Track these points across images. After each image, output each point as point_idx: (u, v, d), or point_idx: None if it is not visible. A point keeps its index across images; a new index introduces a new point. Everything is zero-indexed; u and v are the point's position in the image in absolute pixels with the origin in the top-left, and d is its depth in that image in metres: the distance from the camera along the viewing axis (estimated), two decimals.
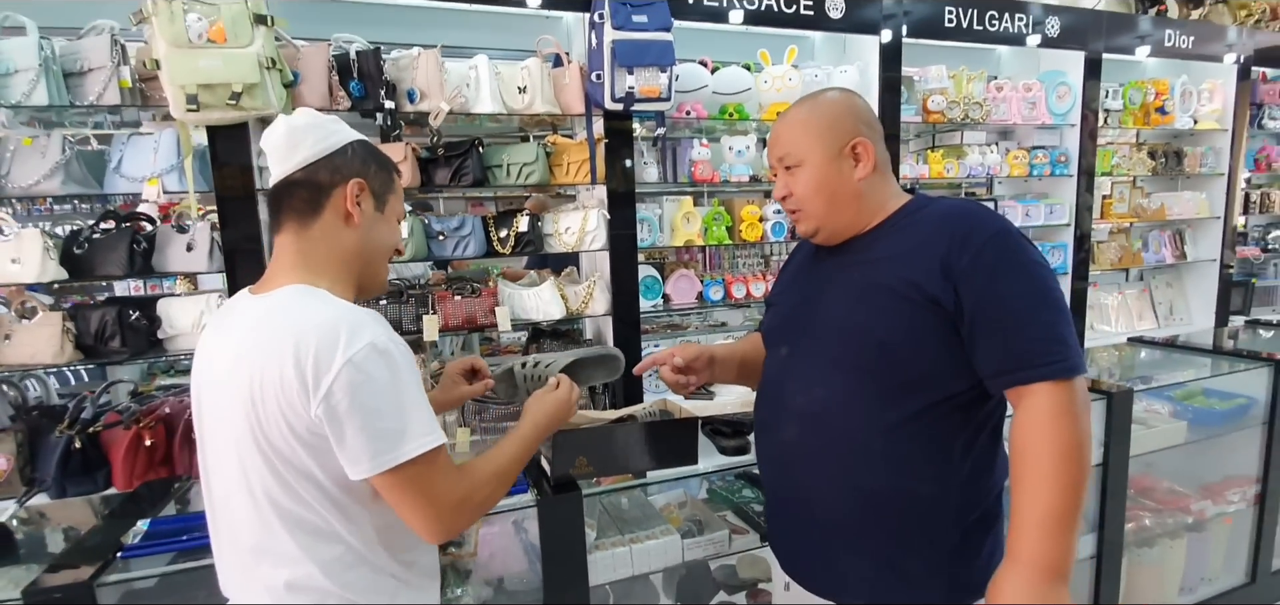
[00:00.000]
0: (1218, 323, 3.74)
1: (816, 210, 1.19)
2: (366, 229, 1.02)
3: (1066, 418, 1.01)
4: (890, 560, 1.15)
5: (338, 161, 0.99)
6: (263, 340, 0.89)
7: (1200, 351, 2.79)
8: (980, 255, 1.05)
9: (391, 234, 1.08)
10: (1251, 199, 3.85)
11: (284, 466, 0.90)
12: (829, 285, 1.21)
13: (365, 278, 1.05)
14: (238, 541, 0.95)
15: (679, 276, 2.66)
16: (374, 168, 1.03)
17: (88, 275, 1.88)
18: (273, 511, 0.91)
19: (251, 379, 0.88)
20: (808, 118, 1.19)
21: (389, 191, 1.06)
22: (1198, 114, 3.54)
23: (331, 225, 0.99)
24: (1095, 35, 3.13)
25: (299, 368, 0.86)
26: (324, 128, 0.99)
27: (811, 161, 1.17)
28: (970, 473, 1.13)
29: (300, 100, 1.99)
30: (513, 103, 2.22)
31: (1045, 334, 1.03)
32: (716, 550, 1.62)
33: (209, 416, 0.98)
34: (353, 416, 0.87)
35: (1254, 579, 2.51)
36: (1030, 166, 3.19)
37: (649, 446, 1.43)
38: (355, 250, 1.01)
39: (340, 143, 1.00)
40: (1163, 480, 2.51)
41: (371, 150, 1.04)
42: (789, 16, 2.55)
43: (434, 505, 0.93)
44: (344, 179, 0.99)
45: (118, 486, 1.83)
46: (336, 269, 1.00)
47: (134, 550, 1.25)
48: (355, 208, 0.99)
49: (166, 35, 1.73)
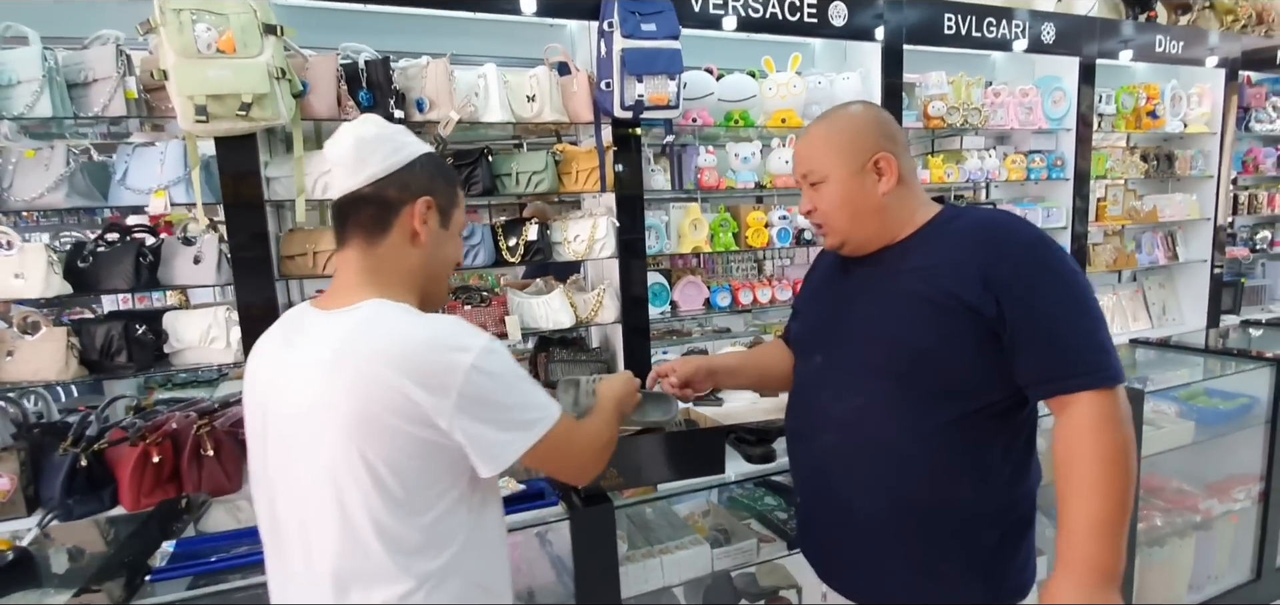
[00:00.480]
0: (1209, 323, 3.80)
1: (841, 225, 1.20)
2: (433, 247, 1.01)
3: (1110, 425, 1.02)
4: (927, 564, 1.16)
5: (406, 178, 0.97)
6: (366, 359, 0.87)
7: (1200, 352, 2.84)
8: (1020, 265, 1.06)
9: (455, 249, 1.08)
10: (1239, 200, 3.92)
11: (397, 484, 0.88)
12: (861, 295, 1.21)
13: (429, 293, 1.04)
14: (316, 568, 0.91)
15: (686, 283, 2.66)
16: (441, 183, 1.02)
17: (93, 290, 1.84)
18: (374, 533, 0.89)
19: (362, 400, 0.86)
20: (829, 134, 1.20)
21: (454, 206, 1.05)
22: (1187, 118, 3.61)
23: (398, 243, 0.98)
24: (1089, 41, 3.18)
25: (422, 383, 0.86)
26: (393, 141, 0.98)
27: (834, 178, 1.18)
28: (1007, 478, 1.14)
29: (309, 110, 1.97)
30: (522, 111, 2.21)
31: (1087, 343, 1.04)
32: (746, 559, 1.61)
33: (286, 438, 0.94)
34: (488, 416, 0.90)
35: (1259, 576, 2.54)
36: (1027, 170, 3.23)
37: (677, 457, 1.42)
38: (420, 267, 1.01)
39: (408, 158, 0.98)
40: (1171, 479, 2.54)
41: (439, 164, 1.03)
42: (792, 24, 2.56)
43: (577, 455, 1.02)
44: (412, 197, 0.97)
45: (125, 506, 1.79)
46: (405, 285, 0.99)
47: (162, 573, 1.22)
48: (422, 226, 0.98)
49: (175, 45, 1.70)
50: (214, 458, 1.81)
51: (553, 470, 1.04)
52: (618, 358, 2.46)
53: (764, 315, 3.35)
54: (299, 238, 2.04)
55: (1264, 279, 4.22)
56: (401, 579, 0.90)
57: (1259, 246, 4.11)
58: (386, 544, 0.89)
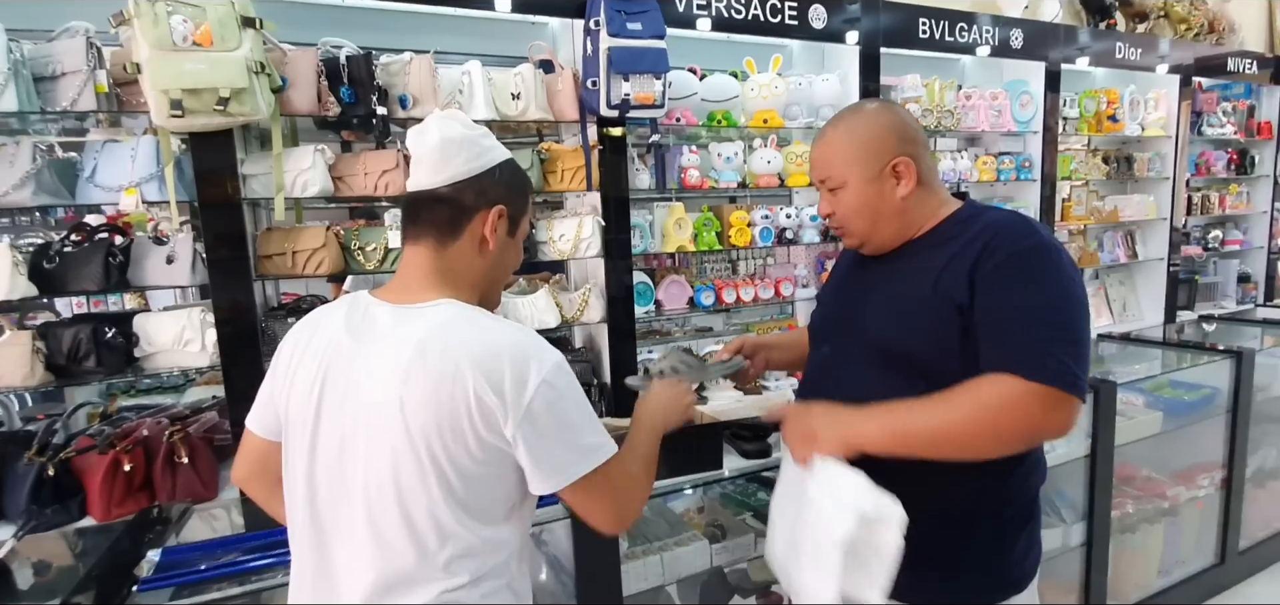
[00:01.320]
0: (1167, 319, 3.95)
1: (860, 229, 1.20)
2: (499, 253, 1.01)
3: (1012, 410, 1.00)
4: (926, 556, 1.14)
5: (485, 184, 0.97)
6: (443, 361, 0.87)
7: (1160, 345, 2.95)
8: (1004, 265, 1.06)
9: (517, 256, 1.08)
10: (1193, 201, 4.09)
11: (463, 487, 0.89)
12: (871, 292, 1.22)
13: (487, 296, 1.04)
14: (361, 567, 0.90)
15: (670, 282, 2.66)
16: (516, 192, 1.02)
17: (60, 291, 1.76)
18: (434, 534, 0.89)
19: (440, 399, 0.86)
20: (845, 140, 1.18)
21: (523, 215, 1.05)
22: (1145, 122, 3.76)
23: (467, 247, 0.98)
24: (1053, 47, 3.29)
25: (496, 389, 0.86)
26: (477, 145, 0.98)
27: (852, 184, 1.17)
28: (1006, 472, 1.15)
29: (289, 106, 1.92)
30: (506, 109, 2.19)
31: (1040, 343, 1.01)
32: (743, 554, 1.61)
33: (346, 432, 0.91)
34: (552, 432, 0.90)
35: (1223, 559, 2.65)
36: (997, 172, 3.32)
37: (676, 453, 1.41)
38: (484, 272, 1.01)
39: (490, 163, 0.98)
40: (1141, 468, 2.63)
41: (515, 172, 1.03)
42: (773, 25, 2.59)
43: (618, 501, 0.98)
44: (488, 204, 0.97)
45: (94, 516, 1.71)
46: (471, 286, 1.00)
47: (150, 582, 1.16)
48: (492, 234, 0.98)
49: (150, 38, 1.64)
50: (189, 465, 1.75)
51: (592, 511, 0.98)
52: (603, 357, 2.44)
53: (740, 314, 3.37)
54: (277, 237, 1.98)
55: (1216, 276, 4.41)
56: (445, 579, 0.90)
57: (1211, 245, 4.30)
58: (445, 546, 0.89)
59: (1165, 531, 2.53)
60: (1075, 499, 2.27)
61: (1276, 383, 2.89)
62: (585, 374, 2.37)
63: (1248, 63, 4.06)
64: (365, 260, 2.05)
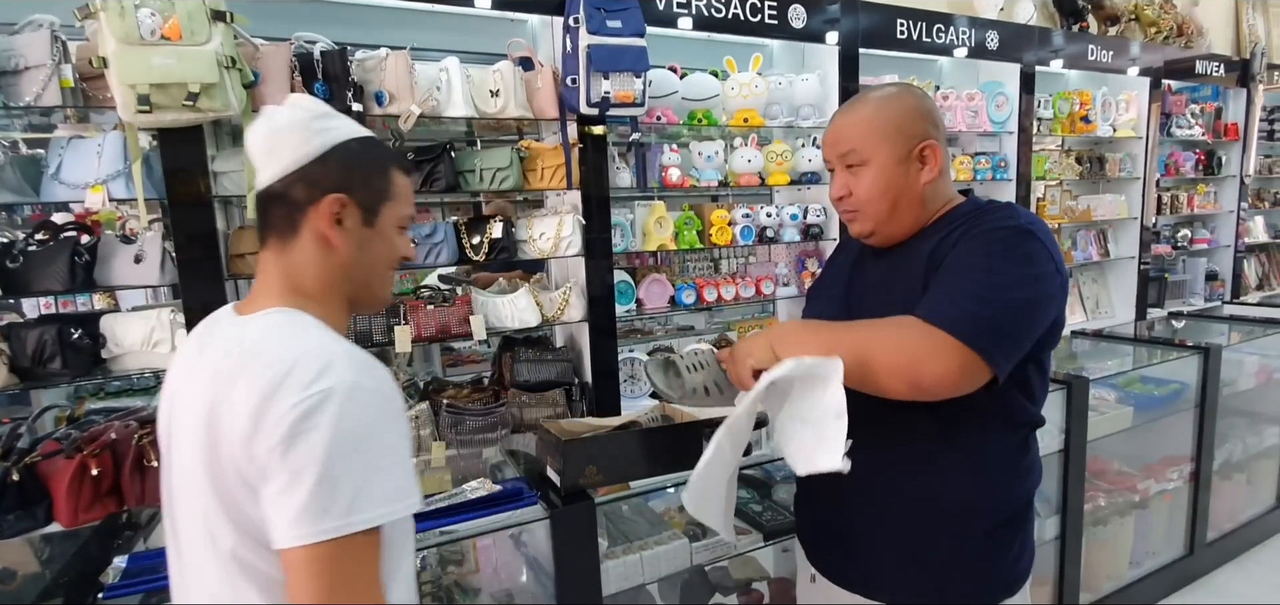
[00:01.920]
0: (1138, 316, 4.03)
1: (877, 213, 1.14)
2: (354, 249, 0.89)
3: (903, 345, 0.99)
4: (918, 557, 1.15)
5: (314, 173, 0.85)
6: (230, 371, 0.78)
7: (1131, 342, 3.01)
8: (968, 237, 1.04)
9: (389, 248, 0.93)
10: (1163, 201, 4.18)
11: (241, 516, 0.78)
12: (869, 293, 1.19)
13: (361, 296, 0.93)
14: (196, 593, 0.83)
15: (651, 280, 2.65)
16: (360, 176, 0.88)
17: (24, 291, 1.71)
18: (239, 570, 0.79)
19: (215, 415, 0.78)
20: (876, 115, 1.13)
21: (382, 200, 0.91)
22: (1116, 122, 3.83)
23: (309, 247, 0.87)
24: (1028, 48, 3.34)
25: (255, 405, 0.75)
26: (306, 130, 0.85)
27: (877, 162, 1.11)
28: (1001, 474, 1.14)
29: (261, 101, 1.88)
30: (485, 106, 2.17)
31: (958, 299, 0.99)
32: (723, 552, 1.61)
33: (176, 453, 0.86)
34: (303, 472, 0.73)
35: (1192, 551, 2.71)
36: (974, 172, 3.36)
37: (656, 452, 1.41)
38: (342, 272, 0.89)
39: (321, 148, 0.85)
40: (1112, 462, 2.68)
41: (361, 154, 0.89)
42: (753, 24, 2.60)
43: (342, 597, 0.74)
44: (319, 195, 0.85)
45: (61, 522, 1.66)
46: (325, 291, 0.88)
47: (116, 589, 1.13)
48: (333, 229, 0.86)
49: (116, 31, 1.59)
50: (158, 469, 1.71)
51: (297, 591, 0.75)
52: (584, 357, 2.44)
53: (722, 313, 3.38)
54: (250, 235, 1.94)
55: (1185, 274, 4.50)
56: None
57: (1180, 244, 4.39)
58: (254, 583, 0.79)
59: (1136, 524, 2.59)
60: (1049, 493, 2.31)
61: (1242, 378, 2.97)
62: (566, 373, 2.36)
63: (1215, 65, 4.16)
64: None
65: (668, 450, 1.42)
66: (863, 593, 1.21)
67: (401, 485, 0.78)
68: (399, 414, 0.81)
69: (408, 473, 0.80)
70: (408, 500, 0.79)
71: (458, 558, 1.53)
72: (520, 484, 1.46)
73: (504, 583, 1.55)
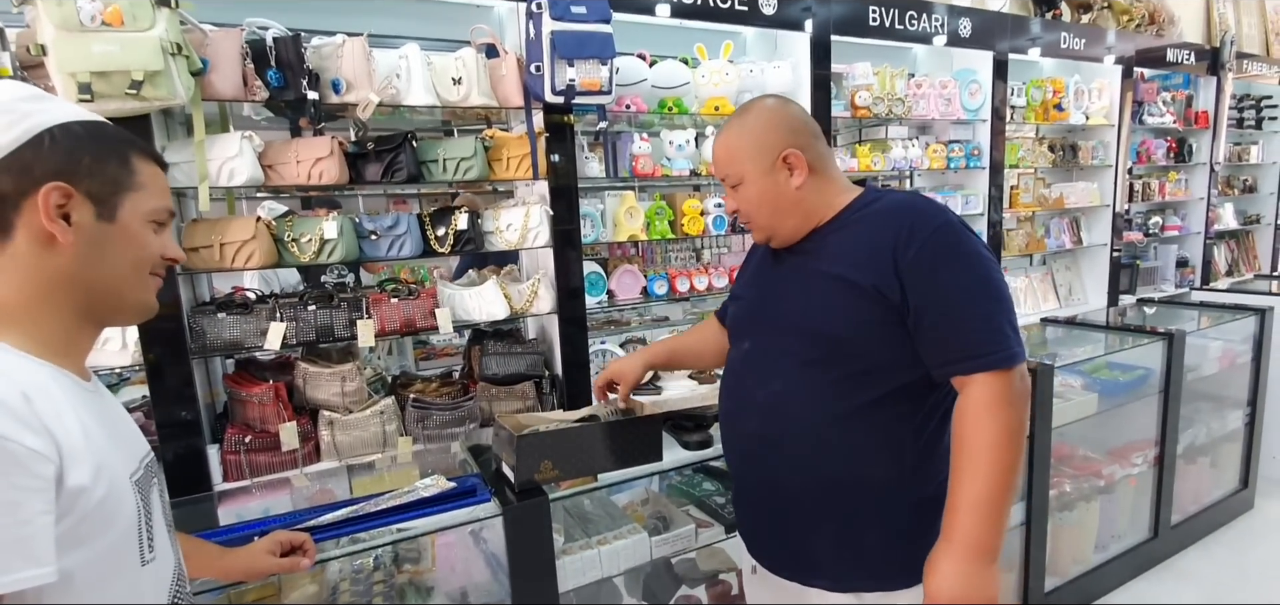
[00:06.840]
0: (1110, 302, 4.08)
1: (765, 222, 1.23)
2: (87, 247, 0.76)
3: (1001, 406, 1.06)
4: (847, 540, 1.19)
5: (27, 159, 0.73)
6: None
7: (1102, 328, 3.04)
8: (923, 248, 1.09)
9: (137, 246, 0.79)
10: (1135, 188, 4.21)
11: None
12: (783, 283, 1.24)
13: (104, 307, 0.80)
14: None
15: (623, 272, 2.63)
16: (88, 160, 0.76)
17: None
18: None
19: None
20: (738, 138, 1.22)
21: (122, 191, 0.78)
22: (1089, 110, 3.85)
23: (27, 246, 0.73)
24: (1001, 36, 3.34)
25: None
26: (13, 113, 0.73)
27: (749, 178, 1.21)
28: (920, 457, 1.18)
29: (211, 89, 1.83)
30: (447, 94, 2.12)
31: (984, 326, 1.07)
32: (684, 545, 1.60)
33: None
34: None
35: (1156, 534, 2.75)
36: (948, 160, 3.37)
37: (614, 447, 1.39)
38: (70, 278, 0.76)
39: (31, 131, 0.73)
40: (1078, 448, 2.70)
41: (85, 138, 0.76)
42: (723, 11, 2.57)
43: None
44: (35, 184, 0.72)
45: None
46: (37, 305, 0.75)
47: None
48: (56, 223, 0.73)
49: (54, 18, 1.54)
50: None
51: None
52: (555, 349, 2.41)
53: (702, 303, 3.36)
54: (203, 228, 1.89)
55: (1156, 261, 4.56)
56: None
57: (1152, 231, 4.44)
58: None
59: (1101, 508, 2.62)
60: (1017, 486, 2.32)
61: (1206, 362, 3.00)
62: (536, 366, 2.34)
63: (1186, 54, 4.19)
64: (299, 252, 1.97)
65: (625, 445, 1.40)
66: (802, 581, 1.23)
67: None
68: (12, 476, 0.64)
69: (17, 541, 0.63)
70: (11, 575, 0.62)
71: (414, 555, 1.51)
72: (475, 480, 1.44)
73: (460, 581, 1.53)
